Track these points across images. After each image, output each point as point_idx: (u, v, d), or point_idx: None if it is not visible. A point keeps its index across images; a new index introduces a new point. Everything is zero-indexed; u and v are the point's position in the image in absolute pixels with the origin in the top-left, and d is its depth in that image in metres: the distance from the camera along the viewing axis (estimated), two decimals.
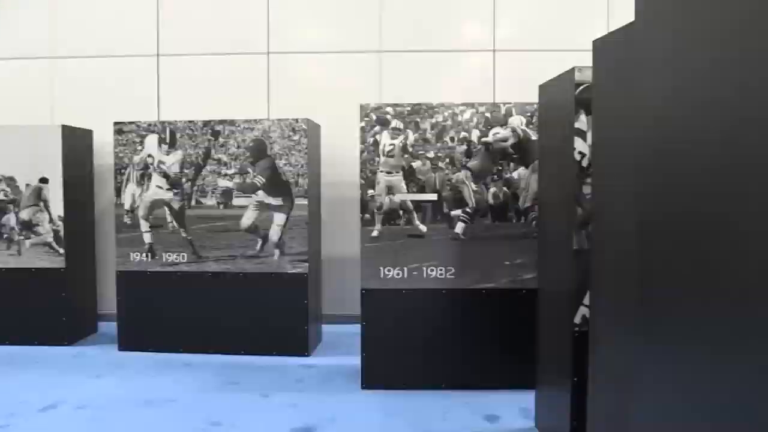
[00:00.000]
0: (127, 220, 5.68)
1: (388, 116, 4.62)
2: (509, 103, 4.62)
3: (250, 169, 5.54)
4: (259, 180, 5.52)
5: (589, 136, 3.10)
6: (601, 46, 2.80)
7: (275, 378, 4.98)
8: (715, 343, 1.68)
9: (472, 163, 4.59)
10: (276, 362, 5.39)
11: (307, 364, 5.36)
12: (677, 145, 1.83)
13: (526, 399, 4.15)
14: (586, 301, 3.10)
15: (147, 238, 5.65)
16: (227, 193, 5.59)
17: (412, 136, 4.61)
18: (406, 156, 4.61)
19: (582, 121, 3.16)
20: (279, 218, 5.49)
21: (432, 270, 4.55)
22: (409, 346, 4.60)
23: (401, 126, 4.61)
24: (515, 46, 6.66)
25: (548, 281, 3.67)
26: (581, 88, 3.16)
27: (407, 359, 4.61)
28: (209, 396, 4.56)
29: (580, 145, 3.15)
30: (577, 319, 3.19)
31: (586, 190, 3.12)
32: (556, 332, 3.50)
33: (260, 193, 5.52)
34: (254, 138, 5.52)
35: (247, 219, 5.54)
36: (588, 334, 2.98)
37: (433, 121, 4.61)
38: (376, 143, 4.62)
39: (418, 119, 4.62)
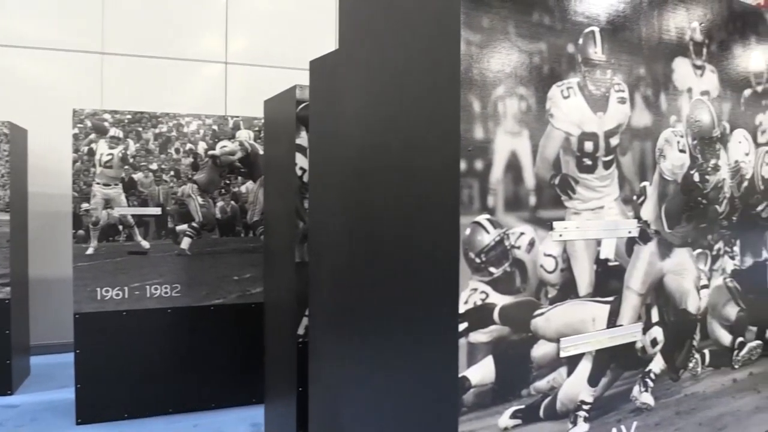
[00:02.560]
0: None
1: (106, 123, 4.27)
2: (237, 116, 4.59)
3: None
4: None
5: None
6: (316, 67, 2.92)
7: None
8: (397, 351, 1.84)
9: (199, 176, 4.45)
10: None
11: (9, 404, 4.66)
12: (369, 165, 1.98)
13: (258, 414, 4.13)
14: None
15: None
16: None
17: (133, 146, 4.32)
18: (126, 167, 4.30)
19: (303, 138, 3.25)
20: None
21: (156, 288, 4.30)
22: (131, 372, 4.27)
23: (121, 135, 4.29)
24: (248, 60, 6.67)
25: (273, 294, 3.70)
26: (302, 105, 3.25)
27: (130, 386, 4.27)
28: None
29: (301, 161, 3.24)
30: (301, 330, 3.26)
31: (307, 204, 3.22)
32: (281, 344, 3.54)
33: None
34: None
35: None
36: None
37: (157, 131, 4.37)
38: (91, 152, 4.23)
39: (140, 128, 4.34)
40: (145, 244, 4.33)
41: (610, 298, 1.85)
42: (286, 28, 6.79)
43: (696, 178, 2.07)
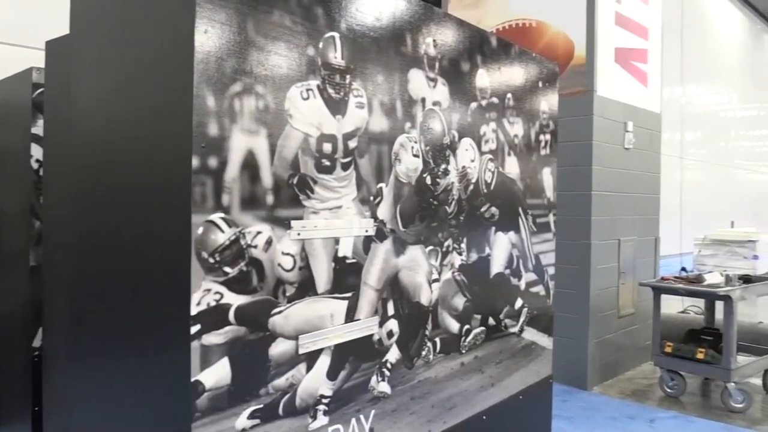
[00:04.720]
0: None
1: None
2: None
3: None
4: None
5: None
6: (53, 49, 2.64)
7: None
8: (132, 359, 1.74)
9: None
10: None
11: None
12: (101, 159, 1.84)
13: None
14: None
15: None
16: None
17: None
18: None
19: (40, 126, 2.92)
20: None
21: None
22: None
23: None
24: None
25: (5, 303, 3.28)
26: (39, 90, 2.92)
27: None
28: None
29: (38, 152, 2.91)
30: (36, 343, 2.92)
31: None
32: (14, 359, 3.15)
33: None
34: None
35: None
36: None
37: None
38: None
39: None
40: None
41: (348, 294, 1.94)
42: (25, 3, 6.03)
43: (428, 181, 2.26)
